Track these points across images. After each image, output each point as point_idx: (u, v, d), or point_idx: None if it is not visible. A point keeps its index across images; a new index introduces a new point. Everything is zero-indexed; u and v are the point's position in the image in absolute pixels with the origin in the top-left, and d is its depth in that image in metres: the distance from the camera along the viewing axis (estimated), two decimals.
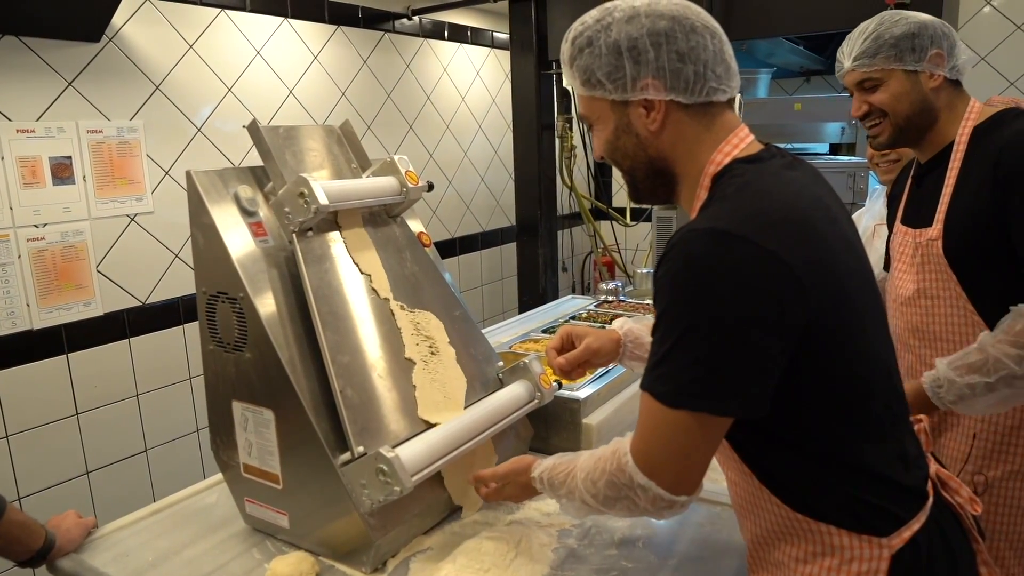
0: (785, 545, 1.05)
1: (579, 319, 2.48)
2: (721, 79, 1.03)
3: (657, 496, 1.01)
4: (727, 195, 0.99)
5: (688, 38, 1.00)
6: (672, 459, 1.00)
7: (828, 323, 0.94)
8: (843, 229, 1.03)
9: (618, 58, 1.01)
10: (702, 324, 0.91)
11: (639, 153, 1.07)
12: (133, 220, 2.74)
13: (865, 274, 1.06)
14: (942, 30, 1.51)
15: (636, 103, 1.03)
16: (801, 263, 0.91)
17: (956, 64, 1.53)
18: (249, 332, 1.36)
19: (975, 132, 1.52)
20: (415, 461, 1.27)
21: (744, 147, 1.05)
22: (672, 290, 0.94)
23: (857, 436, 0.99)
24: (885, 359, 1.04)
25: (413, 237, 1.66)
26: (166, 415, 2.90)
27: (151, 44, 2.75)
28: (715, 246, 0.91)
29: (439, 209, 4.25)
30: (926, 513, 1.02)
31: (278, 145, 1.48)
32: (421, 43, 4.02)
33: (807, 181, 1.04)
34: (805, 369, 0.95)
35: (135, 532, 1.52)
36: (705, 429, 0.96)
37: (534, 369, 1.61)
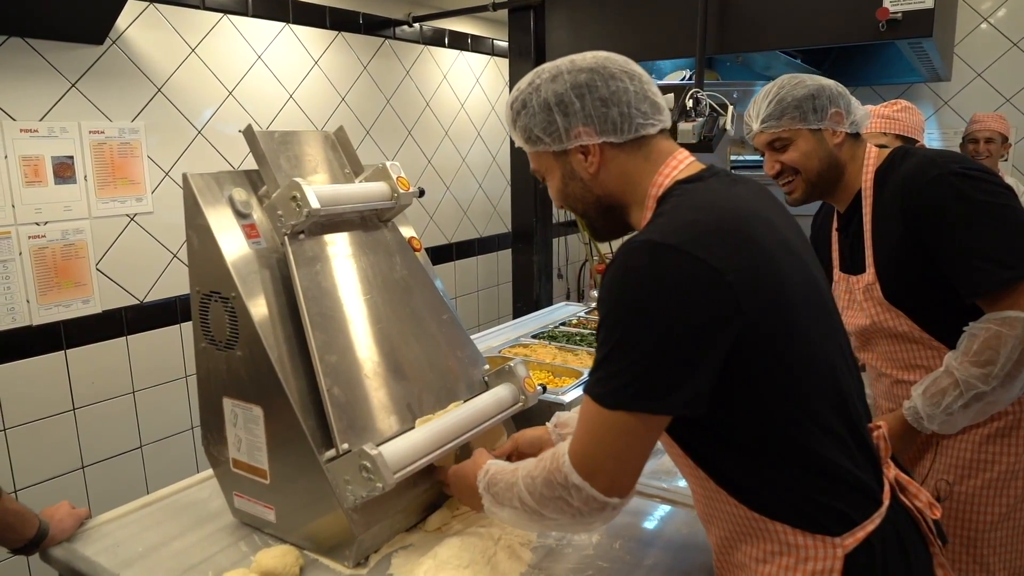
0: (746, 546, 1.09)
1: (569, 325, 2.52)
2: (647, 115, 1.12)
3: (590, 496, 1.05)
4: (665, 211, 1.08)
5: (608, 84, 1.10)
6: (608, 460, 1.04)
7: (765, 326, 0.99)
8: (786, 238, 1.08)
9: (549, 113, 1.12)
10: (637, 329, 0.97)
11: (587, 195, 1.17)
12: (133, 220, 2.78)
13: (811, 280, 1.10)
14: (837, 90, 1.62)
15: (574, 151, 1.13)
16: (733, 269, 0.97)
17: (854, 119, 1.63)
18: (240, 331, 1.40)
19: (877, 175, 1.62)
20: (398, 459, 1.31)
21: (684, 168, 1.13)
22: (610, 299, 1.01)
23: (803, 436, 1.03)
24: (832, 363, 1.08)
25: (404, 242, 1.70)
26: (162, 412, 2.94)
27: (154, 47, 2.80)
28: (649, 256, 0.98)
29: (436, 214, 4.29)
30: (881, 516, 1.05)
31: (273, 149, 1.53)
32: (421, 50, 4.07)
33: (746, 195, 1.10)
34: (746, 370, 0.99)
35: (126, 524, 1.56)
36: (641, 429, 1.01)
37: (519, 372, 1.65)
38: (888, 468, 1.15)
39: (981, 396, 1.45)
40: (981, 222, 1.44)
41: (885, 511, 1.07)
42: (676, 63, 3.79)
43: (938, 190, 1.47)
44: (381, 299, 1.56)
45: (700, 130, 2.58)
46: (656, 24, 3.09)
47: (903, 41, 2.67)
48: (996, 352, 1.41)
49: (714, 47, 2.94)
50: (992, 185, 1.47)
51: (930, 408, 1.50)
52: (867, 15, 2.56)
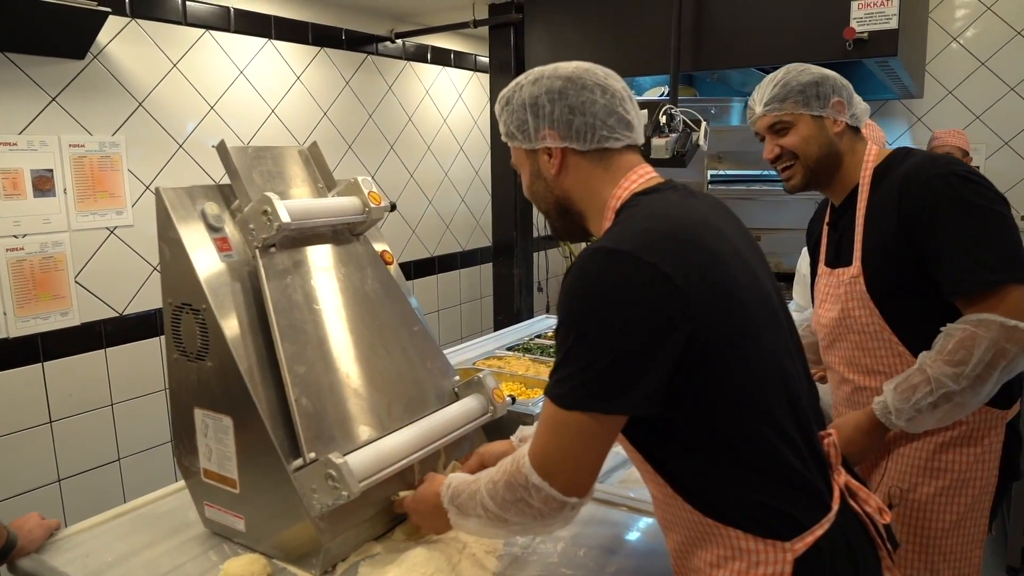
0: (701, 551, 1.12)
1: (545, 338, 2.55)
2: (613, 129, 1.17)
3: (550, 496, 1.08)
4: (621, 220, 1.13)
5: (579, 94, 1.16)
6: (566, 460, 1.07)
7: (715, 329, 1.03)
8: (737, 248, 1.13)
9: (524, 113, 1.20)
10: (591, 332, 1.02)
11: (548, 195, 1.24)
12: (113, 233, 2.80)
13: (761, 288, 1.14)
14: (840, 81, 1.65)
15: (541, 151, 1.21)
16: (683, 274, 1.02)
17: (855, 112, 1.66)
18: (211, 342, 1.43)
19: (875, 173, 1.63)
20: (363, 468, 1.34)
21: (643, 182, 1.18)
22: (566, 303, 1.06)
23: (753, 440, 1.06)
24: (782, 368, 1.11)
25: (375, 255, 1.73)
26: (140, 424, 2.95)
27: (135, 62, 2.83)
28: (603, 262, 1.04)
29: (419, 228, 4.32)
30: (831, 520, 1.08)
31: (246, 165, 1.56)
32: (404, 66, 4.12)
33: (700, 207, 1.16)
34: (696, 373, 1.03)
35: (97, 534, 1.57)
36: (597, 429, 1.05)
37: (488, 384, 1.67)
38: (839, 474, 1.18)
39: (950, 396, 1.46)
40: (973, 224, 1.46)
41: (834, 516, 1.10)
42: (655, 79, 3.85)
43: (937, 187, 1.49)
44: (352, 311, 1.59)
45: (673, 146, 2.62)
46: (633, 41, 3.15)
47: (871, 60, 2.74)
48: (969, 353, 1.43)
49: (688, 64, 3.00)
50: (990, 192, 1.50)
51: (899, 403, 1.51)
52: (835, 34, 2.62)
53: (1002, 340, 1.42)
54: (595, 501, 1.65)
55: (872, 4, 2.55)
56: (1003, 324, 1.42)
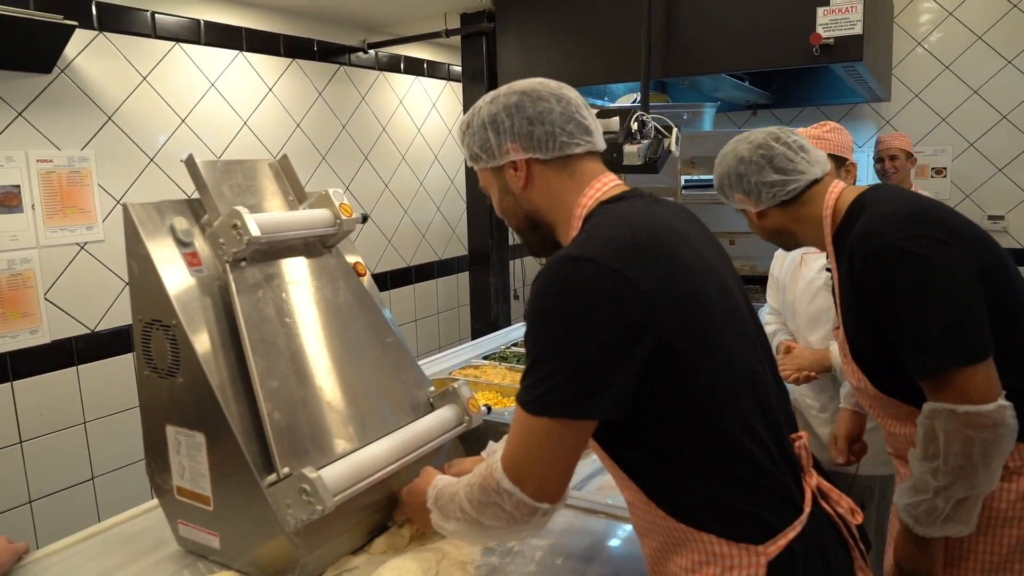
0: (676, 557, 1.12)
1: (520, 346, 2.56)
2: (573, 135, 1.20)
3: (520, 501, 1.09)
4: (586, 229, 1.15)
5: (536, 105, 1.20)
6: (536, 465, 1.09)
7: (681, 334, 1.05)
8: (702, 253, 1.15)
9: (485, 132, 1.23)
10: (556, 338, 1.04)
11: (518, 210, 1.27)
12: (83, 248, 2.76)
13: (727, 292, 1.16)
14: (736, 172, 1.62)
15: (507, 166, 1.24)
16: (647, 279, 1.03)
17: (763, 196, 1.60)
18: (182, 358, 1.41)
19: (836, 237, 1.56)
20: (338, 481, 1.33)
21: (608, 190, 1.20)
22: (533, 311, 1.08)
23: (723, 443, 1.07)
24: (751, 371, 1.13)
25: (348, 267, 1.72)
26: (114, 442, 2.90)
27: (104, 76, 2.80)
28: (567, 269, 1.06)
29: (395, 238, 4.31)
30: (803, 523, 1.10)
31: (215, 179, 1.55)
32: (377, 76, 4.12)
33: (664, 214, 1.18)
34: (664, 378, 1.05)
35: (69, 556, 1.54)
36: (565, 435, 1.06)
37: (463, 394, 1.67)
38: (810, 476, 1.19)
39: (941, 493, 1.38)
40: (910, 307, 1.37)
41: (806, 518, 1.11)
42: (628, 86, 3.88)
43: (875, 266, 1.41)
44: (324, 324, 1.58)
45: (645, 152, 2.64)
46: (604, 49, 3.18)
47: (838, 65, 2.78)
48: (936, 447, 1.36)
49: (659, 71, 3.03)
50: (927, 260, 1.36)
51: (906, 512, 1.43)
52: (802, 40, 2.67)
53: (961, 427, 1.34)
54: (572, 509, 1.66)
55: (837, 10, 2.60)
56: (953, 412, 1.34)
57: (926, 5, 4.11)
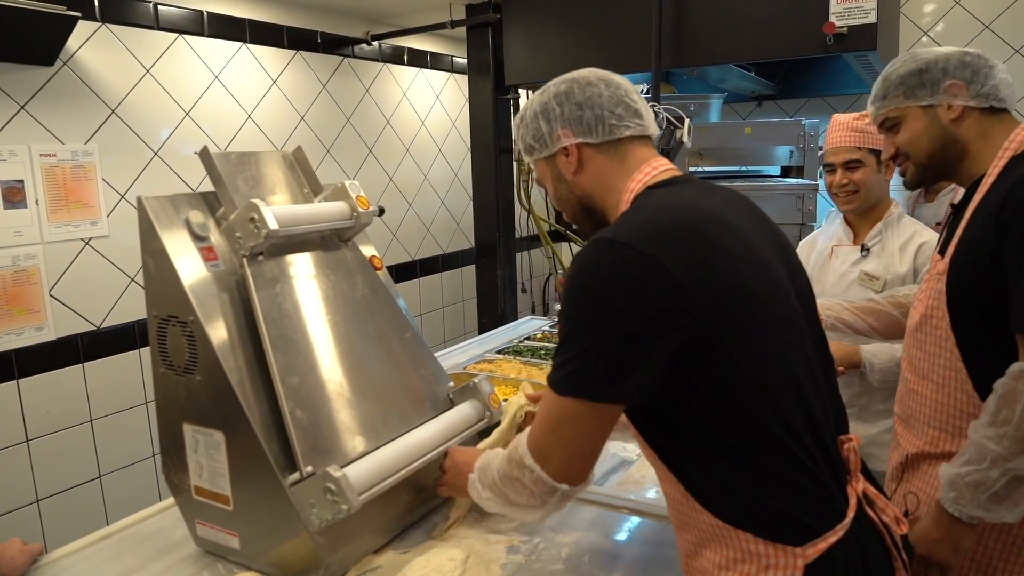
0: (709, 552, 1.10)
1: (534, 339, 2.53)
2: (622, 118, 1.21)
3: (540, 479, 1.11)
4: (627, 212, 1.16)
5: (584, 90, 1.22)
6: (559, 444, 1.10)
7: (717, 324, 1.03)
8: (752, 244, 1.12)
9: (536, 122, 1.25)
10: (585, 320, 1.04)
11: (571, 197, 1.27)
12: (88, 244, 2.73)
13: (779, 288, 1.12)
14: (961, 60, 1.47)
15: (559, 153, 1.25)
16: (681, 266, 1.02)
17: (982, 91, 1.46)
18: (200, 355, 1.38)
19: (1010, 164, 1.41)
20: (363, 480, 1.30)
21: (656, 175, 1.19)
22: (566, 292, 1.08)
23: (761, 441, 1.05)
24: (793, 372, 1.09)
25: (364, 261, 1.69)
26: (121, 440, 2.87)
27: (107, 68, 2.76)
28: (602, 252, 1.05)
29: (399, 232, 4.28)
30: (845, 528, 1.06)
31: (229, 171, 1.51)
32: (381, 68, 4.07)
33: (711, 201, 1.16)
34: (696, 368, 1.03)
35: (84, 557, 1.51)
36: (590, 416, 1.07)
37: (483, 389, 1.64)
38: (857, 481, 1.15)
39: (1002, 466, 1.29)
40: None
41: (849, 524, 1.07)
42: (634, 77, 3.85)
43: None
44: (343, 319, 1.55)
45: (658, 143, 2.62)
46: (612, 40, 3.14)
47: (850, 54, 2.75)
48: (1012, 411, 1.28)
49: (668, 62, 3.00)
50: None
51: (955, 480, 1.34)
52: (815, 30, 2.64)
53: None
54: (595, 504, 1.63)
55: None
56: None
57: None
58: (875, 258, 2.20)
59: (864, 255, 2.22)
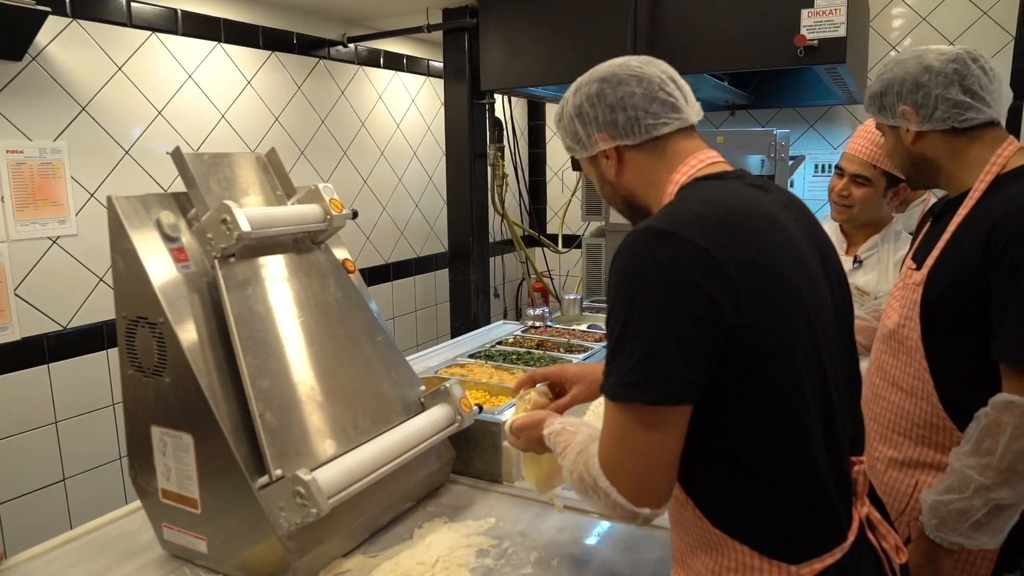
0: (704, 556, 1.09)
1: (506, 344, 2.54)
2: (658, 115, 1.14)
3: (617, 503, 1.02)
4: (675, 201, 1.11)
5: (616, 91, 1.15)
6: (629, 461, 1.01)
7: (761, 325, 0.99)
8: (798, 247, 1.08)
9: (572, 123, 1.21)
10: (637, 315, 0.98)
11: (616, 196, 1.24)
12: (55, 243, 2.68)
13: (821, 295, 1.09)
14: (915, 81, 1.44)
15: (599, 156, 1.21)
16: (733, 262, 0.97)
17: (935, 115, 1.44)
18: (169, 357, 1.37)
19: (996, 182, 1.42)
20: (332, 483, 1.30)
21: (703, 167, 1.14)
22: (615, 286, 1.01)
23: (775, 451, 1.02)
24: (823, 380, 1.06)
25: (337, 264, 1.69)
26: (87, 442, 2.83)
27: (77, 64, 2.72)
28: (651, 242, 1.00)
29: (373, 235, 4.27)
30: (844, 551, 1.04)
31: (202, 172, 1.51)
32: (356, 70, 4.06)
33: (764, 199, 1.11)
34: (729, 367, 0.99)
35: (46, 562, 1.49)
36: (651, 423, 0.99)
37: (454, 393, 1.65)
38: (862, 504, 1.13)
39: (984, 495, 1.31)
40: None
41: (849, 547, 1.05)
42: None
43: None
44: (314, 322, 1.55)
45: None
46: (588, 46, 3.16)
47: (820, 66, 2.80)
48: (995, 441, 1.29)
49: None
50: None
51: (937, 507, 1.36)
52: (786, 42, 2.68)
53: None
54: (567, 509, 1.65)
55: (821, 12, 2.62)
56: None
57: (899, 10, 4.16)
58: (868, 271, 2.18)
59: (856, 267, 2.21)
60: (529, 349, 2.44)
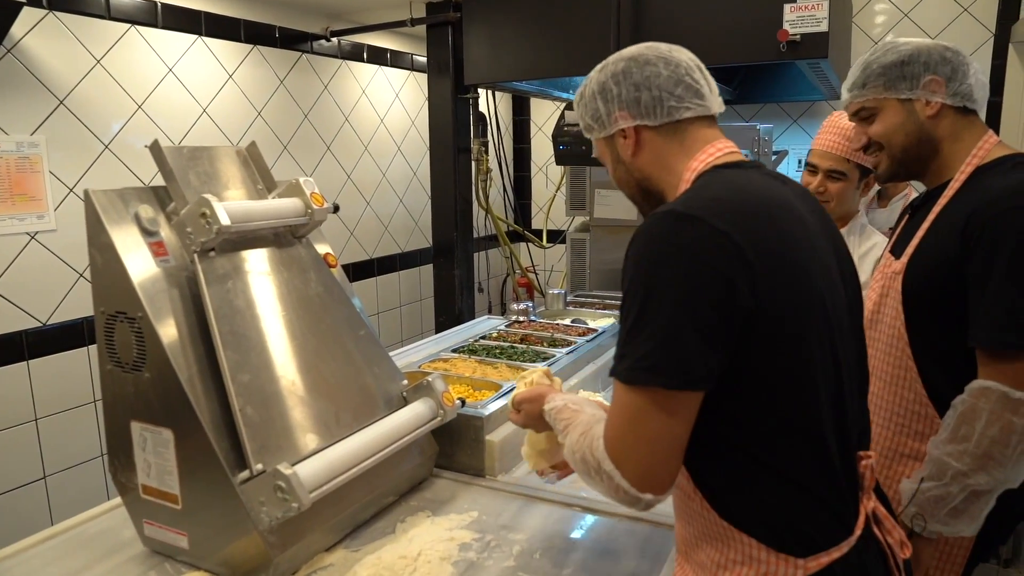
0: (709, 548, 1.09)
1: (489, 339, 2.54)
2: (682, 99, 1.14)
3: (620, 487, 1.00)
4: (694, 187, 1.11)
5: (643, 70, 1.15)
6: (637, 445, 1.00)
7: (774, 316, 0.98)
8: (813, 238, 1.08)
9: (594, 101, 1.20)
10: (655, 299, 0.97)
11: (630, 179, 1.23)
12: (33, 238, 2.65)
13: (832, 285, 1.09)
14: (941, 55, 1.46)
15: (617, 135, 1.20)
16: (753, 248, 0.97)
17: (960, 90, 1.46)
18: (148, 352, 1.36)
19: (975, 173, 1.45)
20: (314, 478, 1.30)
21: (722, 156, 1.14)
22: (632, 268, 1.00)
23: (787, 442, 1.02)
24: (836, 372, 1.06)
25: (319, 258, 1.68)
26: (68, 440, 2.80)
27: (55, 57, 2.69)
28: (671, 225, 0.99)
29: (357, 230, 4.25)
30: (850, 545, 1.05)
31: (181, 166, 1.49)
32: (340, 64, 4.04)
33: (782, 190, 1.11)
34: (748, 357, 0.98)
35: (24, 560, 1.48)
36: (663, 407, 0.98)
37: (437, 387, 1.65)
38: (868, 499, 1.13)
39: (962, 482, 1.33)
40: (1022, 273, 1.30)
41: (855, 541, 1.06)
42: None
43: (1014, 221, 1.32)
44: (296, 316, 1.54)
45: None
46: (572, 41, 3.16)
47: (803, 61, 2.82)
48: (971, 428, 1.31)
49: None
50: None
51: (913, 494, 1.37)
52: (769, 37, 2.69)
53: (1008, 413, 1.28)
54: (548, 502, 1.65)
55: (804, 8, 2.63)
56: (1006, 395, 1.28)
57: (882, 6, 4.19)
58: None
59: None
60: (513, 344, 2.44)
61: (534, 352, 2.33)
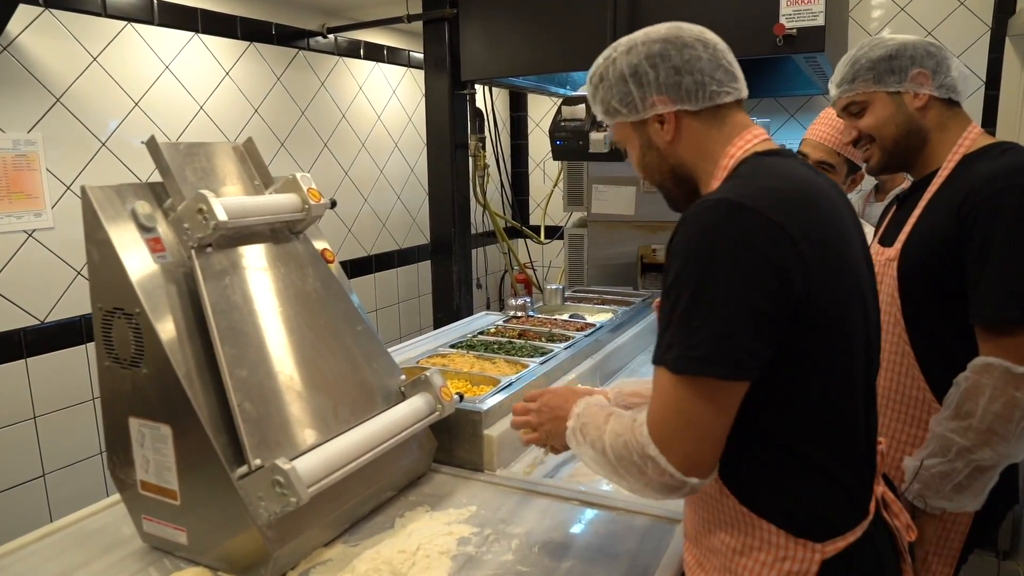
0: (724, 534, 1.09)
1: (487, 334, 2.54)
2: (722, 83, 1.12)
3: (665, 470, 0.99)
4: (741, 174, 1.09)
5: (682, 53, 1.12)
6: (683, 430, 0.98)
7: (823, 305, 0.99)
8: (849, 225, 1.10)
9: (625, 84, 1.14)
10: (707, 288, 0.96)
11: (663, 165, 1.18)
12: (31, 236, 2.65)
13: (863, 277, 1.11)
14: (926, 49, 1.51)
15: (651, 120, 1.15)
16: (804, 238, 0.97)
17: (945, 82, 1.51)
18: (146, 348, 1.36)
19: (963, 161, 1.49)
20: (312, 473, 1.30)
21: (759, 143, 1.14)
22: (683, 257, 0.99)
23: (822, 429, 1.03)
24: (867, 360, 1.09)
25: (316, 253, 1.68)
26: (67, 437, 2.80)
27: (51, 55, 2.68)
28: (725, 215, 0.98)
29: (355, 227, 4.25)
30: (863, 528, 1.07)
31: (178, 162, 1.49)
32: (336, 61, 4.04)
33: (817, 178, 1.12)
34: (792, 345, 0.98)
35: (23, 556, 1.48)
36: (713, 397, 0.97)
37: (435, 382, 1.65)
38: (878, 484, 1.15)
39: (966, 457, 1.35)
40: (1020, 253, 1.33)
41: (868, 524, 1.08)
42: None
43: (1009, 200, 1.35)
44: (293, 312, 1.54)
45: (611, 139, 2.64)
46: (569, 36, 3.16)
47: (799, 56, 2.82)
48: (975, 404, 1.33)
49: None
50: None
51: (916, 471, 1.39)
52: (765, 30, 2.69)
53: (1011, 388, 1.31)
54: (546, 496, 1.65)
55: (800, 1, 2.63)
56: (1008, 370, 1.31)
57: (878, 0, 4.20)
58: None
59: None
60: (511, 339, 2.45)
61: (532, 347, 2.33)
